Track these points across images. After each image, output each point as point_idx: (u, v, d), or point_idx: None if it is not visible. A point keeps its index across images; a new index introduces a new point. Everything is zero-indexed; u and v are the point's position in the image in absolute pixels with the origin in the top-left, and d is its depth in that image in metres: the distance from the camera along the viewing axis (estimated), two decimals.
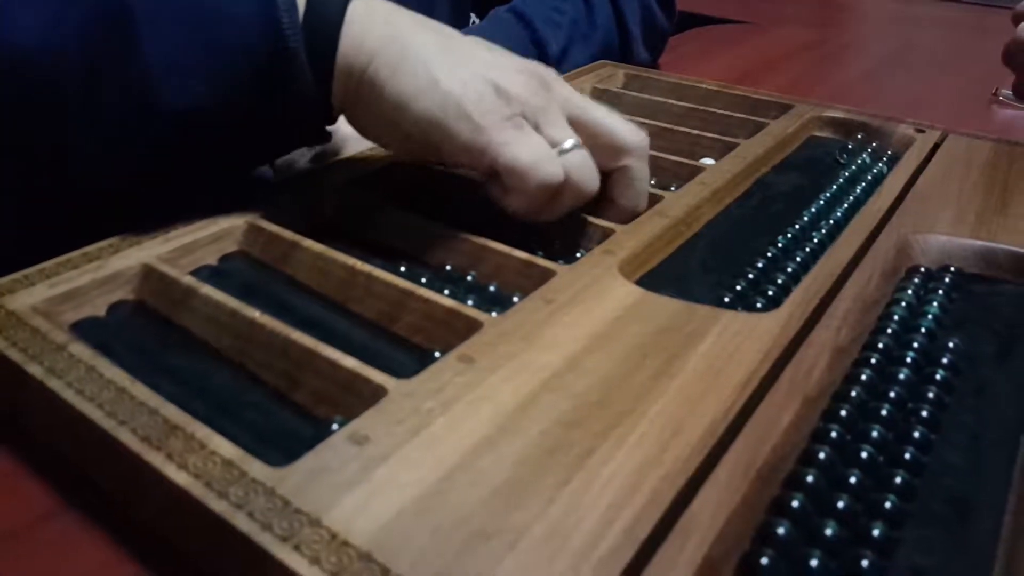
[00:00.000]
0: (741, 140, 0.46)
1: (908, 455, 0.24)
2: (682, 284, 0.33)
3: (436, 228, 0.35)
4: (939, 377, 0.27)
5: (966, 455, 0.25)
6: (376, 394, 0.25)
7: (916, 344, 0.29)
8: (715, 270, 0.35)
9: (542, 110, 0.33)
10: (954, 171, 0.43)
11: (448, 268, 0.34)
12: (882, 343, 0.29)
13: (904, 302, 0.31)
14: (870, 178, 0.44)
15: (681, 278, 0.34)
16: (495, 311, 0.30)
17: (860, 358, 0.28)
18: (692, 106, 0.52)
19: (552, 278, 0.31)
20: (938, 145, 0.47)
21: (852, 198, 0.41)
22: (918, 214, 0.38)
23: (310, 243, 0.33)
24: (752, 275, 0.33)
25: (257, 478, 0.21)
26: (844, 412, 0.25)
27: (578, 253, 0.35)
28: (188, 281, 0.29)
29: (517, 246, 0.34)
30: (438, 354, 0.28)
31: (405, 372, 0.26)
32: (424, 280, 0.32)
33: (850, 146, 0.48)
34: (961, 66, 0.83)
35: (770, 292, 0.32)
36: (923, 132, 0.48)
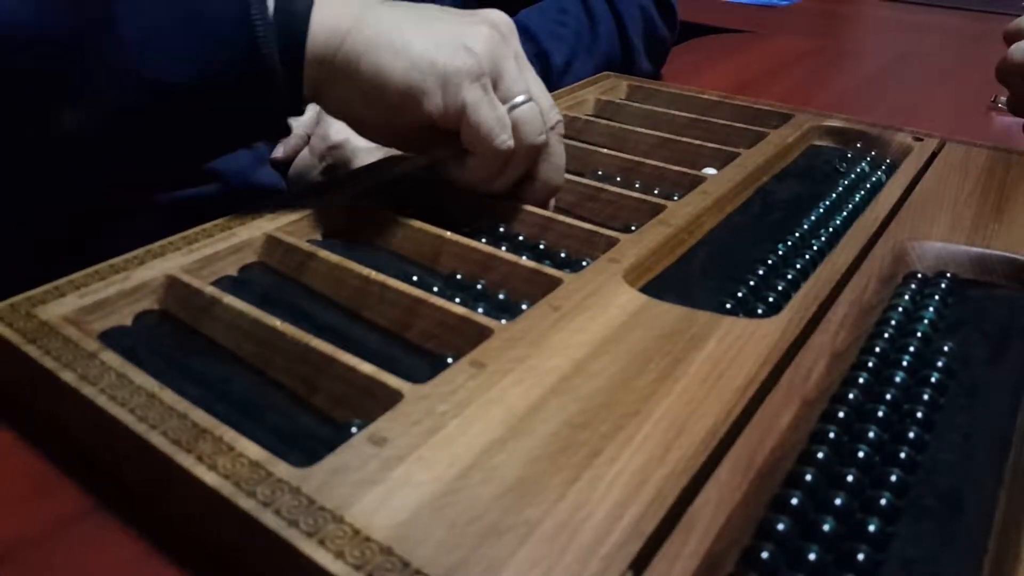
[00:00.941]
0: (742, 150, 0.48)
1: (903, 454, 0.25)
2: (685, 291, 0.35)
3: (446, 237, 0.36)
4: (933, 379, 0.28)
5: (958, 453, 0.26)
6: (392, 398, 0.26)
7: (912, 348, 0.30)
8: (717, 277, 0.36)
9: (503, 59, 0.36)
10: (951, 179, 0.45)
11: (459, 276, 0.35)
12: (879, 347, 0.30)
13: (901, 307, 0.33)
14: (869, 186, 0.45)
15: (684, 285, 0.35)
16: (504, 318, 0.31)
17: (857, 362, 0.29)
18: (694, 116, 0.54)
19: (559, 286, 0.32)
20: (936, 153, 0.48)
21: (851, 206, 0.42)
22: (915, 221, 0.39)
23: (326, 254, 0.34)
24: (753, 282, 0.34)
25: (282, 478, 0.22)
26: (841, 414, 0.26)
27: (584, 261, 0.36)
28: (211, 290, 0.31)
29: (525, 254, 0.35)
30: (450, 360, 0.29)
31: (418, 377, 0.27)
32: (435, 288, 0.33)
33: (849, 155, 0.49)
34: (960, 74, 0.84)
35: (770, 298, 0.33)
36: (921, 140, 0.50)
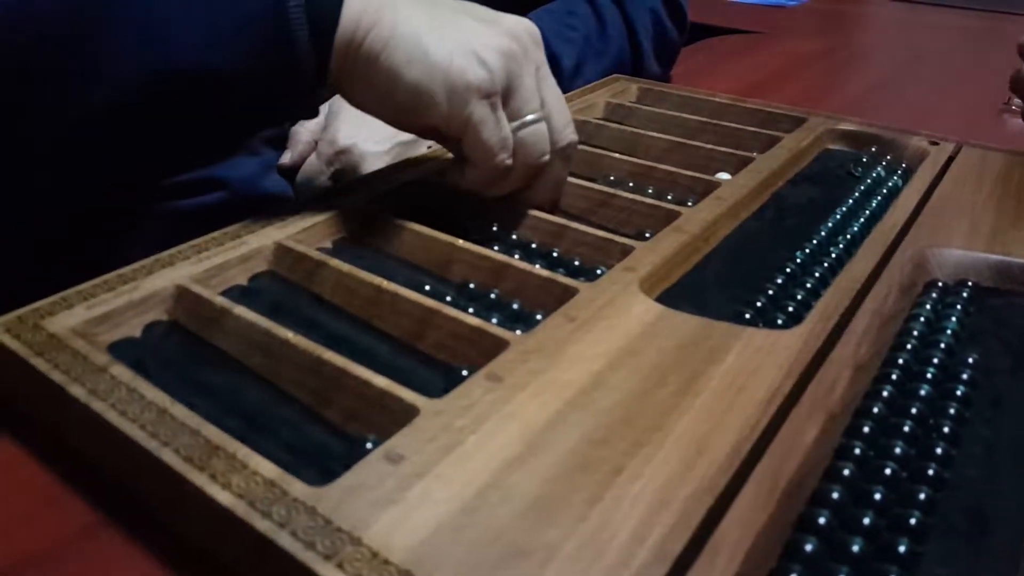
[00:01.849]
0: (756, 154, 0.47)
1: (931, 471, 0.24)
2: (701, 300, 0.34)
3: (458, 245, 0.36)
4: (959, 392, 0.28)
5: (983, 468, 0.26)
6: (408, 413, 0.25)
7: (935, 360, 0.29)
8: (733, 285, 0.35)
9: (519, 75, 0.36)
10: (968, 184, 0.44)
11: (471, 285, 0.35)
12: (902, 359, 0.29)
13: (922, 317, 0.32)
14: (885, 191, 0.44)
15: (700, 294, 0.35)
16: (519, 328, 0.30)
17: (880, 374, 0.29)
18: (705, 120, 0.53)
19: (574, 296, 0.32)
20: (952, 158, 0.47)
21: (868, 212, 0.42)
22: (934, 228, 0.39)
23: (336, 262, 0.34)
24: (771, 290, 0.34)
25: (298, 497, 0.22)
26: (867, 429, 0.26)
27: (598, 270, 0.36)
28: (221, 301, 0.30)
29: (538, 262, 0.34)
30: (465, 372, 0.29)
31: (432, 390, 0.27)
32: (448, 298, 0.33)
33: (864, 159, 0.49)
34: (972, 75, 0.84)
35: (790, 308, 0.33)
36: (937, 144, 0.49)
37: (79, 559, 0.24)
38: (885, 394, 0.27)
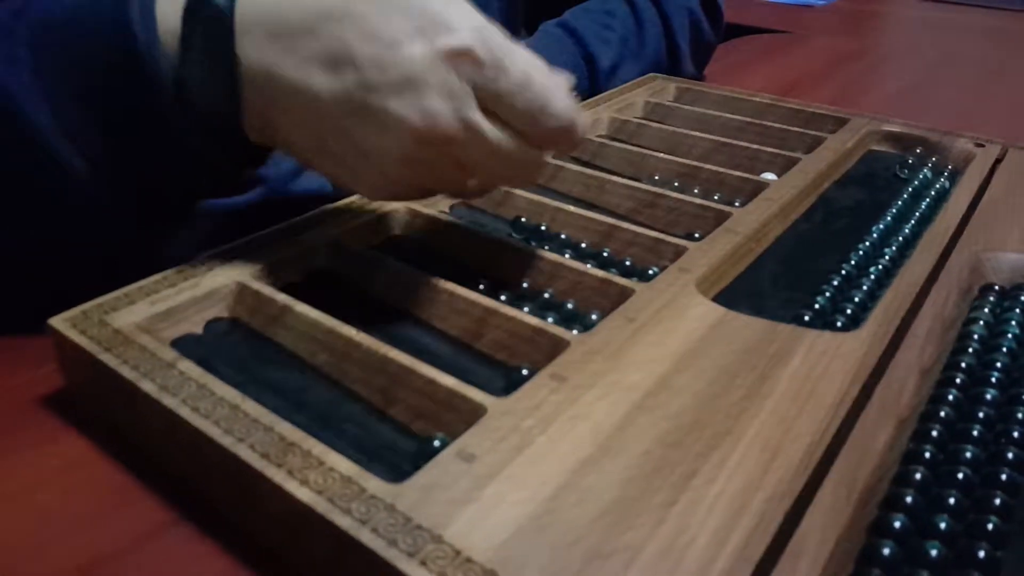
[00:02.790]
0: (800, 155, 0.47)
1: (1004, 476, 0.24)
2: (758, 301, 0.34)
3: (510, 244, 0.36)
4: None
5: None
6: (475, 411, 0.25)
7: (999, 363, 0.29)
8: (788, 287, 0.35)
9: (433, 171, 0.31)
10: (1018, 187, 0.44)
11: (524, 285, 0.35)
12: (964, 363, 0.29)
13: (982, 321, 0.32)
14: (934, 194, 0.44)
15: (756, 295, 0.34)
16: (575, 329, 0.30)
17: (944, 378, 0.29)
18: (747, 119, 0.53)
19: (631, 296, 0.32)
20: (999, 160, 0.47)
21: (918, 215, 0.41)
22: (987, 231, 0.38)
23: (391, 261, 0.34)
24: (828, 292, 0.34)
25: (376, 494, 0.22)
26: (935, 433, 0.26)
27: (650, 270, 0.36)
28: (283, 298, 0.30)
29: (590, 262, 0.34)
30: (525, 371, 0.29)
31: (493, 388, 0.27)
32: (503, 297, 0.33)
33: (910, 160, 0.48)
34: (1008, 75, 0.83)
35: (848, 310, 0.32)
36: (983, 147, 0.49)
37: (153, 558, 0.24)
38: (951, 398, 0.27)
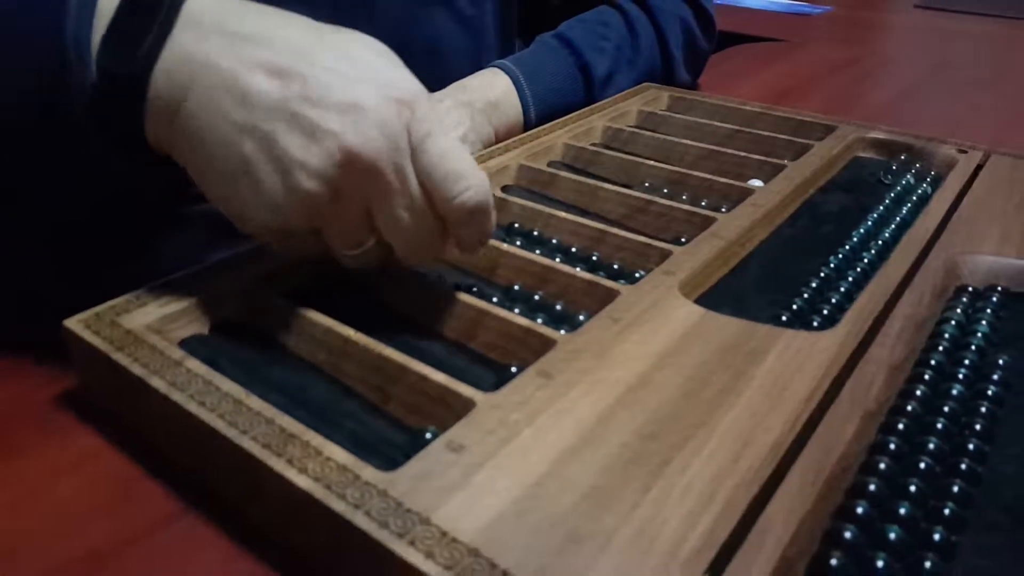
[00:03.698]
0: (787, 161, 0.48)
1: (964, 466, 0.25)
2: (740, 303, 0.35)
3: (503, 250, 0.37)
4: (991, 392, 0.29)
5: (1019, 466, 0.27)
6: (466, 406, 0.27)
7: (967, 361, 0.30)
8: (770, 289, 0.37)
9: (341, 204, 0.29)
10: (998, 191, 0.45)
11: (516, 288, 0.36)
12: (934, 360, 0.30)
13: (953, 320, 0.33)
14: (915, 199, 0.45)
15: (738, 297, 0.36)
16: (564, 329, 0.32)
17: (913, 374, 0.30)
18: (737, 128, 0.54)
19: (616, 298, 0.33)
20: (981, 166, 0.48)
21: (899, 219, 0.43)
22: (964, 234, 0.40)
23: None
24: (807, 294, 0.35)
25: (370, 481, 0.23)
26: (901, 426, 0.27)
27: (637, 273, 0.37)
28: (285, 302, 0.32)
29: (579, 266, 0.36)
30: (514, 369, 0.30)
31: (483, 385, 0.28)
32: (495, 299, 0.34)
33: (894, 167, 0.50)
34: (999, 83, 0.84)
35: (825, 311, 0.34)
36: (965, 153, 0.50)
37: (162, 547, 0.26)
38: (919, 393, 0.29)
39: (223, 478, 0.27)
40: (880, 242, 0.40)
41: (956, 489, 0.25)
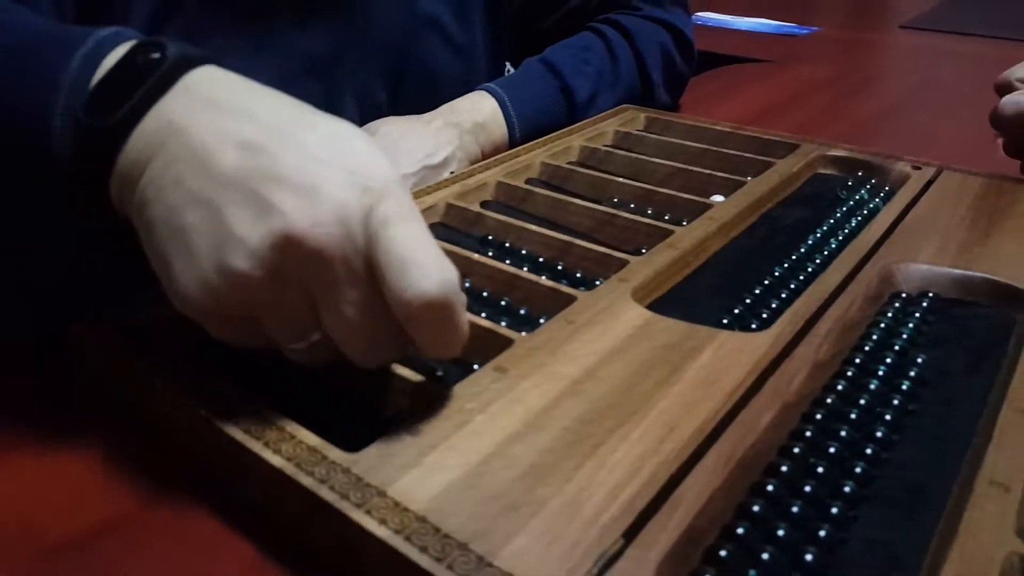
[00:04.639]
0: (749, 178, 0.51)
1: (870, 450, 0.28)
2: (689, 308, 0.38)
3: (474, 259, 0.41)
4: (905, 387, 0.32)
5: (928, 453, 0.30)
6: (429, 397, 0.30)
7: (888, 360, 0.33)
8: (720, 295, 0.40)
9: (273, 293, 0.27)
10: (944, 205, 0.48)
11: (485, 294, 0.40)
12: (858, 359, 0.33)
13: (883, 324, 0.36)
14: (866, 212, 0.48)
15: (689, 303, 0.39)
16: (525, 330, 0.35)
17: (838, 371, 0.33)
18: (706, 147, 0.58)
19: (573, 302, 0.36)
20: (932, 181, 0.51)
21: (847, 230, 0.46)
22: (904, 245, 0.43)
23: None
24: (749, 300, 0.38)
25: (335, 460, 0.27)
26: (819, 415, 0.30)
27: (597, 281, 0.40)
28: None
29: (545, 274, 0.39)
30: (476, 366, 0.33)
31: (448, 380, 0.31)
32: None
33: (850, 183, 0.53)
34: (976, 102, 0.87)
35: (764, 315, 0.37)
36: (919, 169, 0.53)
37: (156, 516, 0.29)
38: (839, 387, 0.32)
39: (212, 458, 0.30)
40: (826, 252, 0.43)
41: (859, 470, 0.27)
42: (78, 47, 0.30)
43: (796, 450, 0.28)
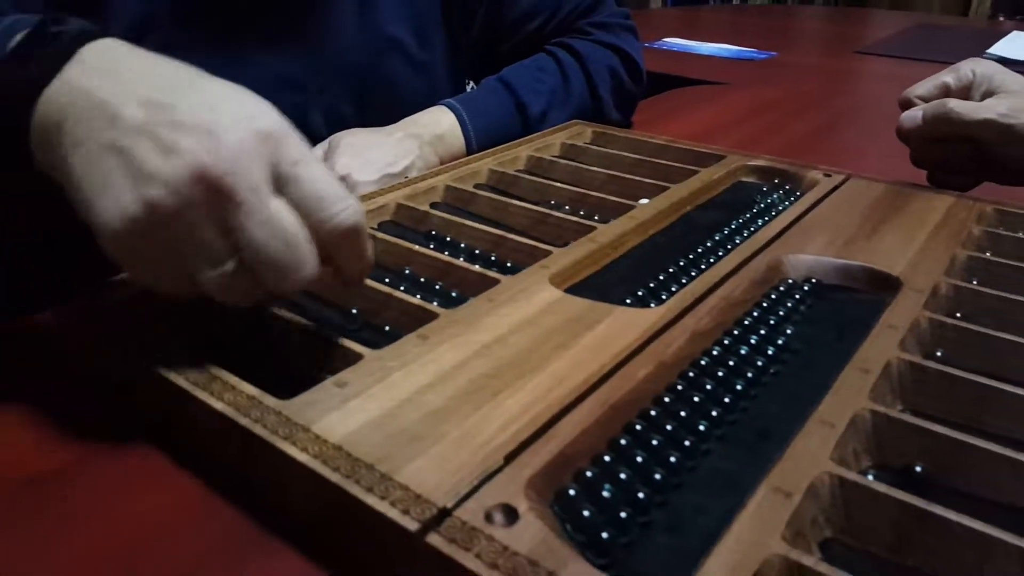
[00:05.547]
0: (673, 184, 0.57)
1: (728, 399, 0.33)
2: (602, 292, 0.43)
3: (415, 250, 0.46)
4: (770, 352, 0.37)
5: (782, 407, 0.34)
6: (356, 359, 0.35)
7: (762, 331, 0.38)
8: (630, 282, 0.45)
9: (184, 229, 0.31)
10: (842, 207, 0.53)
11: (422, 280, 0.45)
12: (736, 331, 0.39)
13: (765, 303, 0.41)
14: (774, 214, 0.54)
15: (602, 288, 0.44)
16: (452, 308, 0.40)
17: (716, 340, 0.38)
18: (643, 158, 0.63)
19: (496, 284, 0.42)
20: (839, 186, 0.57)
21: (753, 229, 0.51)
22: (797, 239, 0.48)
23: None
24: (652, 284, 0.43)
25: (270, 406, 0.32)
26: (692, 373, 0.35)
27: (524, 269, 0.45)
28: None
29: (479, 264, 0.44)
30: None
31: (376, 346, 0.36)
32: (402, 287, 0.43)
33: (765, 188, 0.58)
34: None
35: (663, 296, 0.42)
36: (829, 176, 0.58)
37: (126, 456, 0.34)
38: (715, 352, 0.37)
39: (168, 408, 0.35)
40: (729, 247, 0.48)
41: (715, 413, 0.32)
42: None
43: (667, 400, 0.33)
